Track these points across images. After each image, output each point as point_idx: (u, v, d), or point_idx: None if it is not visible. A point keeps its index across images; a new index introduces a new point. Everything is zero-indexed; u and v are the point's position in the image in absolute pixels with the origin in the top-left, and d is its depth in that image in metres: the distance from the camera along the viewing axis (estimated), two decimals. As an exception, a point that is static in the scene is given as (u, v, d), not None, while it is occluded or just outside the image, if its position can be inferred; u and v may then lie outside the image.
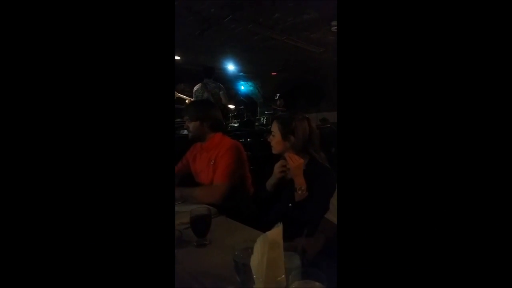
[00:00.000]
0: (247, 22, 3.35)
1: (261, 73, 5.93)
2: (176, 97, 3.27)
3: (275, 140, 1.21)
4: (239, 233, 0.91)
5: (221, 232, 0.91)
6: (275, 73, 5.87)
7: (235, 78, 6.28)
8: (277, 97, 5.31)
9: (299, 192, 1.06)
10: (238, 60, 5.12)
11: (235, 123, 4.19)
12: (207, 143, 1.36)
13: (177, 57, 4.78)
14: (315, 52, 4.41)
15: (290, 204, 1.11)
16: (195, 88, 3.28)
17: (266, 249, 0.45)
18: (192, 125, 1.34)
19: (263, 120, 5.24)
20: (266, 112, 6.03)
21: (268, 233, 0.46)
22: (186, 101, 3.36)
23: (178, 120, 2.13)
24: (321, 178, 1.09)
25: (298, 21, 3.37)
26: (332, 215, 0.91)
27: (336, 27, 3.56)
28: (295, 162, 1.09)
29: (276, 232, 0.46)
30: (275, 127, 1.21)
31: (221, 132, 1.39)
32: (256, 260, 0.47)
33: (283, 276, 0.49)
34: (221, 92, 3.26)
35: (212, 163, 1.32)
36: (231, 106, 4.42)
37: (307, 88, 5.97)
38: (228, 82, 6.38)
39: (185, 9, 2.90)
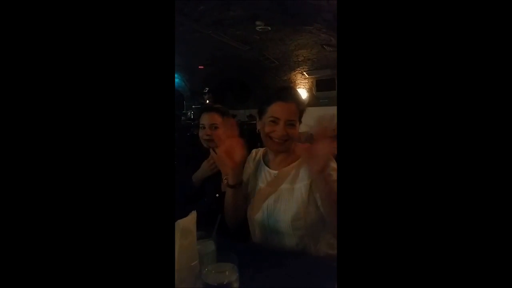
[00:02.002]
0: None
1: (187, 66, 5.71)
2: None
3: (221, 132, 1.19)
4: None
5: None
6: (202, 67, 5.74)
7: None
8: (206, 91, 5.22)
9: (225, 181, 1.10)
10: (162, 50, 4.80)
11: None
12: None
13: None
14: (241, 49, 4.51)
15: (217, 195, 1.13)
16: None
17: (178, 236, 0.46)
18: None
19: (190, 115, 5.08)
20: (193, 106, 5.86)
21: (179, 221, 0.48)
22: None
23: None
24: None
25: (224, 17, 3.38)
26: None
27: (260, 27, 3.72)
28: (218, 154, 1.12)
29: (189, 219, 0.48)
30: (218, 119, 1.21)
31: None
32: (169, 249, 0.48)
33: (196, 261, 0.52)
34: None
35: None
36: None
37: (234, 85, 6.07)
38: (151, 72, 5.88)
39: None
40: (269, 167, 0.96)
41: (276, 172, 0.92)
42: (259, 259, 0.69)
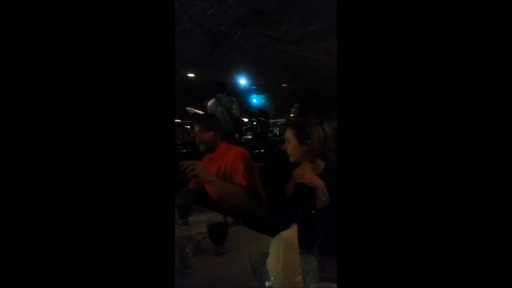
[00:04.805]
0: (256, 37, 3.44)
1: (272, 85, 6.01)
2: (193, 113, 3.37)
3: (291, 146, 1.19)
4: (256, 241, 0.91)
5: (238, 240, 0.92)
6: (285, 85, 5.92)
7: (247, 91, 6.39)
8: (296, 106, 5.34)
9: (323, 199, 1.04)
10: (249, 74, 5.22)
11: (249, 135, 4.25)
12: (215, 153, 1.43)
13: (191, 75, 4.96)
14: (324, 61, 4.43)
15: (313, 211, 1.09)
16: (209, 103, 3.37)
17: (281, 249, 0.46)
18: (206, 135, 1.40)
19: (276, 131, 5.26)
20: (278, 123, 6.06)
21: (283, 233, 0.47)
22: (191, 113, 3.41)
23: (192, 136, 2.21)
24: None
25: (305, 32, 3.42)
26: None
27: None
28: (302, 172, 1.08)
29: (291, 232, 0.47)
30: (289, 134, 1.21)
31: (225, 142, 1.47)
32: (272, 261, 0.48)
33: (300, 277, 0.49)
34: (234, 106, 3.33)
35: (221, 171, 1.36)
36: (245, 119, 4.50)
37: (318, 97, 5.98)
38: (240, 96, 6.46)
39: (197, 27, 3.03)
40: None
41: None
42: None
